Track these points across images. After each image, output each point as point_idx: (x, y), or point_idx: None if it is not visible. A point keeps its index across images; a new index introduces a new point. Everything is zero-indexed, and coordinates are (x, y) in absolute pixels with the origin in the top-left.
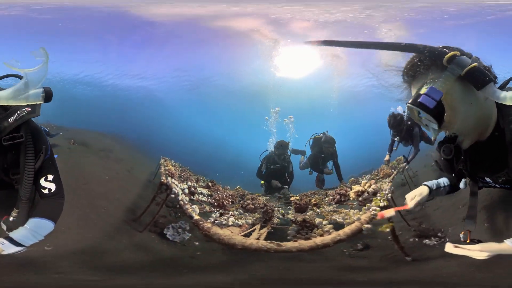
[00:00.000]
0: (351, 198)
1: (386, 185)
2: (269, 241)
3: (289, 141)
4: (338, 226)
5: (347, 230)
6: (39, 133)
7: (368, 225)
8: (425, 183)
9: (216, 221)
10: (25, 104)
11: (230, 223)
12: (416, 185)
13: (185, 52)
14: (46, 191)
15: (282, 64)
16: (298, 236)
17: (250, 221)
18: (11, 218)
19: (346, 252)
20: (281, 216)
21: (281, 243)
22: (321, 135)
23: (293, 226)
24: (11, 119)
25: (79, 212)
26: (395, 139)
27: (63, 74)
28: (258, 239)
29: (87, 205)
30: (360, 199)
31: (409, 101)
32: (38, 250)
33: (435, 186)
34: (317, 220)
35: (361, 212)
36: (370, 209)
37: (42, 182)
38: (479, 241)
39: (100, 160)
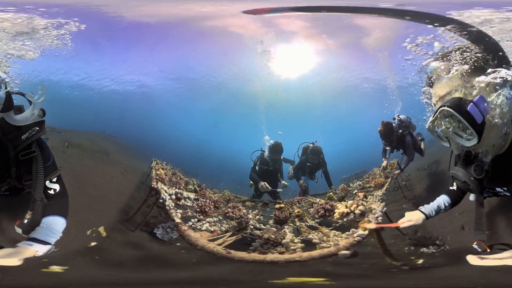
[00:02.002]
0: (335, 217)
1: (376, 205)
2: (223, 248)
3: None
4: (311, 245)
5: (315, 253)
6: (44, 146)
7: (346, 251)
8: (421, 209)
9: (192, 225)
10: (32, 122)
11: (204, 228)
12: (409, 189)
13: (179, 54)
14: (51, 192)
15: (272, 63)
16: (259, 249)
17: (224, 228)
18: (25, 221)
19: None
20: (257, 226)
21: (231, 251)
22: (310, 145)
23: (259, 240)
24: (23, 137)
25: (77, 215)
26: (387, 148)
27: (58, 76)
28: (220, 244)
29: (84, 208)
30: (345, 220)
31: (448, 105)
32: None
33: (434, 212)
34: (288, 236)
35: (342, 236)
36: (354, 235)
37: (48, 184)
38: (504, 245)
39: (95, 163)
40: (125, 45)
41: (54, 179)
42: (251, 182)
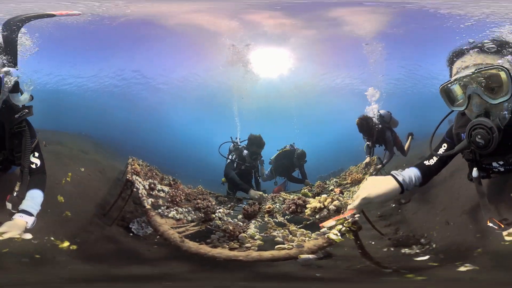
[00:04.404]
0: (306, 214)
1: (352, 200)
2: (179, 235)
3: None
4: (273, 245)
5: (267, 254)
6: (31, 125)
7: (310, 256)
8: (393, 173)
9: (161, 212)
10: (23, 104)
11: (170, 215)
12: None
13: (155, 53)
14: (33, 166)
15: (248, 63)
16: (214, 241)
17: (190, 219)
18: (14, 194)
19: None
20: (223, 218)
21: (185, 240)
22: (288, 147)
23: (219, 232)
24: (16, 116)
25: (55, 210)
26: (368, 143)
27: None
28: (180, 232)
29: (63, 203)
30: (318, 217)
31: (501, 64)
32: (26, 244)
33: (407, 179)
34: (250, 231)
35: (312, 236)
36: (325, 236)
37: (31, 158)
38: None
39: (72, 162)
40: (102, 44)
41: (37, 155)
42: (223, 179)
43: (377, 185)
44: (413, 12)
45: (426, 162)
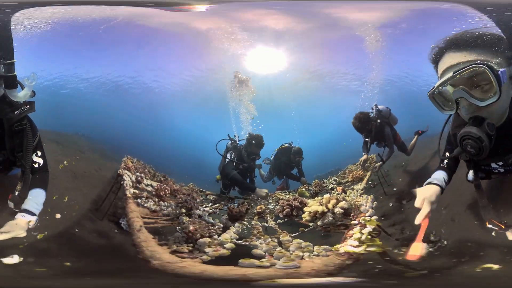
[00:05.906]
0: (303, 219)
1: (363, 199)
2: (140, 224)
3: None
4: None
5: (219, 271)
6: (32, 122)
7: (329, 278)
8: (432, 181)
9: (139, 201)
10: (23, 100)
11: (146, 205)
12: (390, 185)
13: (148, 54)
14: (36, 165)
15: (242, 59)
16: (169, 240)
17: (166, 212)
18: (16, 193)
19: None
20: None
21: (142, 230)
22: (287, 145)
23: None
24: (16, 112)
25: (51, 203)
26: (367, 139)
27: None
28: (148, 223)
29: (58, 197)
30: (320, 223)
31: (480, 63)
32: (29, 236)
33: (444, 184)
34: (226, 236)
35: (315, 251)
36: (341, 250)
37: (34, 157)
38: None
39: (68, 160)
40: (100, 44)
41: (39, 154)
42: (217, 176)
43: (426, 189)
44: (418, 7)
45: (441, 165)
